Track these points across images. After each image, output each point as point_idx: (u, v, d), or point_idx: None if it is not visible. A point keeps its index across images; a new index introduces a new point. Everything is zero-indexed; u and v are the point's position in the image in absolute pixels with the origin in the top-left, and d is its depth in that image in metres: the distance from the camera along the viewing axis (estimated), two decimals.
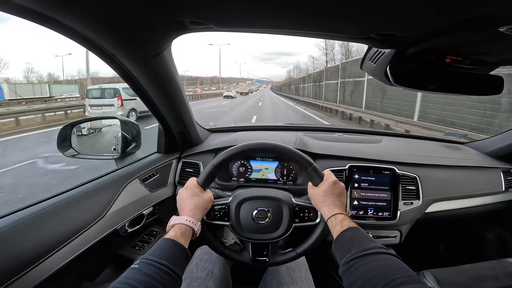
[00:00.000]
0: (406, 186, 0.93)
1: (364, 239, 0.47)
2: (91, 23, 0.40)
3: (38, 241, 0.53)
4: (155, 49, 0.52)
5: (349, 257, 0.44)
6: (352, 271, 0.43)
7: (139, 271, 0.41)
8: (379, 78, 0.62)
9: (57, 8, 0.36)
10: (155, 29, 0.45)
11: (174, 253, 0.47)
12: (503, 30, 0.38)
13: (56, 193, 0.65)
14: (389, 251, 0.44)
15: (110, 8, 0.37)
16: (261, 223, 0.62)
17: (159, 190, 0.91)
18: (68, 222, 0.61)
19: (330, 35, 0.47)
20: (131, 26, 0.42)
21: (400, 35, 0.45)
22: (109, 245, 0.78)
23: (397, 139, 1.29)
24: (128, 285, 0.38)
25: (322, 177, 0.61)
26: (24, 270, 0.49)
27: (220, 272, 0.73)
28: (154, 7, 0.38)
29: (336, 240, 0.51)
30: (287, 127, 1.32)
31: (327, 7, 0.37)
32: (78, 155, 0.82)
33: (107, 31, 0.42)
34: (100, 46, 0.46)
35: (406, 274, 0.39)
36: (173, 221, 0.54)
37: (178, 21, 0.42)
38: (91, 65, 26.54)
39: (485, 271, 0.80)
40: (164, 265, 0.43)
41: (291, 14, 0.40)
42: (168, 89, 0.70)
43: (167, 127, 0.90)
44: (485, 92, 0.59)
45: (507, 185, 1.04)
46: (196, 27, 0.44)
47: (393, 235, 0.96)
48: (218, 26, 0.44)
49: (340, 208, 0.56)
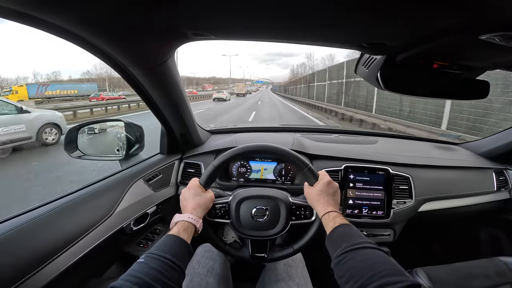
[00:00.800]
0: (399, 186, 0.96)
1: (354, 235, 0.51)
2: (100, 33, 0.43)
3: (50, 240, 0.56)
4: (160, 58, 0.55)
5: (340, 251, 0.48)
6: (342, 264, 0.46)
7: (146, 264, 0.44)
8: (372, 83, 0.65)
9: (71, 20, 0.38)
10: (161, 40, 0.49)
11: (178, 248, 0.49)
12: (483, 38, 0.41)
13: (66, 193, 0.68)
14: (376, 246, 0.48)
15: (120, 23, 0.40)
16: (260, 221, 0.65)
17: (162, 189, 0.94)
18: (77, 221, 0.64)
19: (323, 43, 0.50)
20: (139, 38, 0.46)
21: (389, 44, 0.48)
22: (115, 243, 0.81)
23: (392, 140, 1.32)
24: (136, 277, 0.41)
25: (317, 177, 0.64)
26: (38, 267, 0.52)
27: (221, 268, 0.76)
28: (161, 21, 0.41)
29: (328, 236, 0.54)
30: (285, 128, 1.35)
31: (318, 19, 0.40)
32: (84, 156, 0.85)
33: (116, 42, 0.45)
34: (109, 55, 0.49)
35: (391, 267, 0.42)
36: (176, 218, 0.57)
37: (181, 32, 0.45)
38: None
39: (476, 270, 0.82)
40: (168, 259, 0.46)
41: (285, 25, 0.42)
42: (172, 94, 0.74)
43: (170, 129, 0.93)
44: (471, 96, 0.62)
45: (499, 185, 1.07)
46: (198, 37, 0.47)
47: (387, 233, 0.98)
48: (218, 37, 0.47)
49: (334, 206, 0.59)
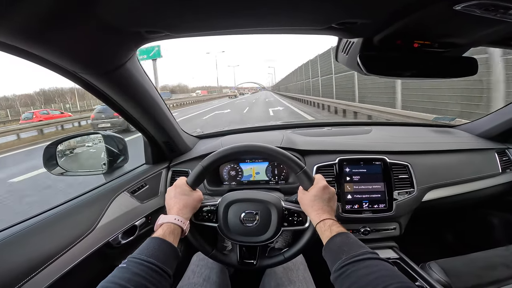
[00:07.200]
0: (399, 175, 0.91)
1: (353, 245, 0.47)
2: (44, 44, 0.40)
3: (23, 260, 0.53)
4: (115, 62, 0.52)
5: (340, 264, 0.44)
6: (343, 278, 0.42)
7: (128, 270, 0.41)
8: (354, 68, 0.62)
9: (3, 30, 0.35)
10: (111, 43, 0.46)
11: (163, 251, 0.47)
12: (458, 9, 0.38)
13: (42, 211, 0.66)
14: (379, 257, 0.44)
15: (60, 29, 0.37)
16: (249, 226, 0.62)
17: (150, 200, 0.91)
18: (55, 238, 0.61)
19: (289, 29, 0.47)
20: (86, 42, 0.43)
21: (361, 22, 0.45)
22: (104, 257, 0.78)
23: (387, 128, 1.28)
24: (117, 285, 0.38)
25: (312, 181, 0.60)
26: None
27: (218, 277, 0.72)
28: (106, 22, 0.39)
29: (325, 246, 0.50)
30: (274, 127, 1.32)
31: (279, 1, 0.37)
32: (66, 172, 0.83)
33: (61, 49, 0.43)
34: (57, 64, 0.47)
35: (399, 280, 0.38)
36: (161, 220, 0.53)
37: (133, 32, 0.43)
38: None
39: (495, 259, 0.78)
40: (152, 264, 0.43)
41: (242, 12, 0.40)
42: (141, 100, 0.71)
43: (151, 138, 0.90)
44: (459, 74, 0.58)
45: (503, 166, 1.02)
46: (153, 35, 0.44)
47: (392, 227, 0.94)
48: (174, 33, 0.44)
49: (329, 214, 0.55)
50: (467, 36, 0.51)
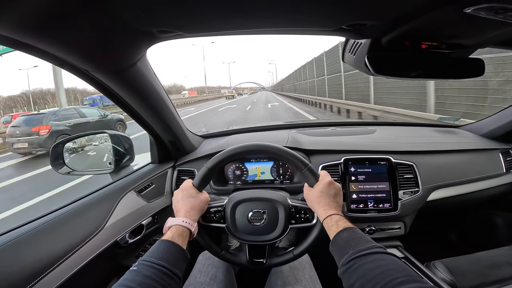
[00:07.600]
0: (404, 175, 0.91)
1: (360, 239, 0.47)
2: (57, 42, 0.40)
3: (33, 260, 0.54)
4: (127, 61, 0.53)
5: (347, 258, 0.44)
6: (350, 272, 0.43)
7: (138, 273, 0.41)
8: (361, 69, 0.62)
9: (9, 27, 0.35)
10: (124, 42, 0.46)
11: (172, 253, 0.47)
12: (469, 12, 0.38)
13: (50, 210, 0.66)
14: (386, 251, 0.44)
15: (74, 27, 0.37)
16: (257, 225, 0.62)
17: (156, 200, 0.91)
18: (64, 238, 0.61)
19: (300, 30, 0.47)
20: (98, 41, 0.43)
21: (370, 24, 0.46)
22: (112, 257, 0.79)
23: (391, 128, 1.28)
24: (128, 287, 0.38)
25: (317, 178, 0.60)
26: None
27: (224, 276, 0.73)
28: (118, 21, 0.39)
29: (332, 241, 0.51)
30: (279, 126, 1.32)
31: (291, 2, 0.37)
32: (73, 172, 0.84)
33: (75, 48, 0.43)
34: (70, 62, 0.47)
35: (406, 273, 0.38)
36: (170, 222, 0.54)
37: (145, 31, 0.43)
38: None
39: (500, 258, 0.78)
40: (162, 266, 0.43)
41: (256, 13, 0.40)
42: (150, 99, 0.71)
43: (157, 137, 0.90)
44: (466, 75, 0.59)
45: (507, 166, 1.02)
46: (165, 35, 0.44)
47: (397, 227, 0.94)
48: (187, 33, 0.44)
49: (336, 209, 0.55)
50: (474, 38, 0.52)
